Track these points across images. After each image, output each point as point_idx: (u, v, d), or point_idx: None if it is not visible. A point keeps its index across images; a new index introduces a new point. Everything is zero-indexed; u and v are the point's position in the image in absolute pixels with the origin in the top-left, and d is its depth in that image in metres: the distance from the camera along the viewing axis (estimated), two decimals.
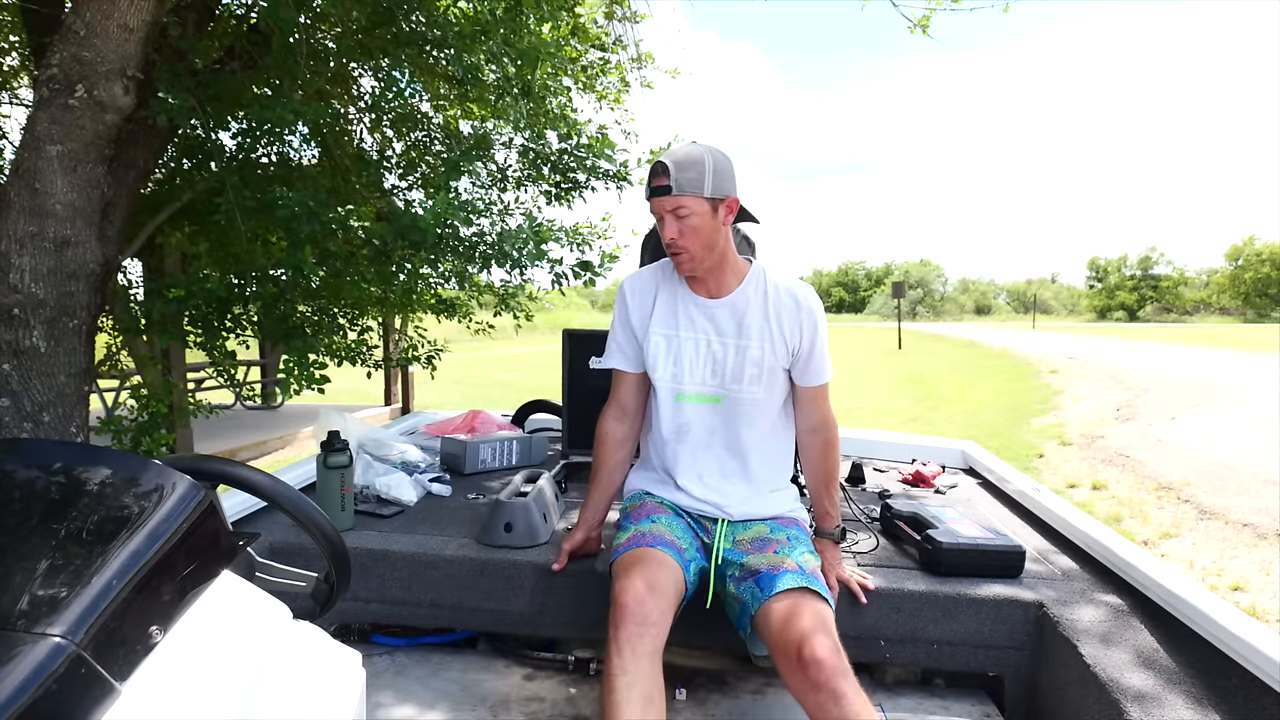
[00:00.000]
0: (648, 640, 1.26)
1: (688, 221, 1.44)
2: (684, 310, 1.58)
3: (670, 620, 1.34)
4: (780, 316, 1.54)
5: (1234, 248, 67.23)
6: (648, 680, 1.22)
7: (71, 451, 0.85)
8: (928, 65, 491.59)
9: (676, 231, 1.45)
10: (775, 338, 1.54)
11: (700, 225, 1.45)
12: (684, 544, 1.50)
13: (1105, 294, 76.40)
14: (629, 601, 1.29)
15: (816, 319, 1.56)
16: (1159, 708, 1.19)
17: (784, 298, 1.55)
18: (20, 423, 2.29)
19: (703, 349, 1.57)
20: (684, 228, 1.45)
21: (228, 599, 0.81)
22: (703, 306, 1.57)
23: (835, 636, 1.29)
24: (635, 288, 1.65)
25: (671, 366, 1.58)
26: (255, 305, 3.41)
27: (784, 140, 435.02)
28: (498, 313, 4.41)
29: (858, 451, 2.85)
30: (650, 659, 1.25)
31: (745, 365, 1.55)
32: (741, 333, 1.55)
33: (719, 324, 1.56)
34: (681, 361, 1.58)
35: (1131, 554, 1.65)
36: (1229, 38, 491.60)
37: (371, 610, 1.79)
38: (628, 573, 1.36)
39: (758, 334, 1.54)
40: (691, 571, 1.48)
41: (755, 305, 1.55)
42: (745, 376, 1.55)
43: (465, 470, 2.51)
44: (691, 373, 1.58)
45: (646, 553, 1.42)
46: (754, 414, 1.59)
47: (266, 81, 3.22)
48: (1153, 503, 5.11)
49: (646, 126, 4.46)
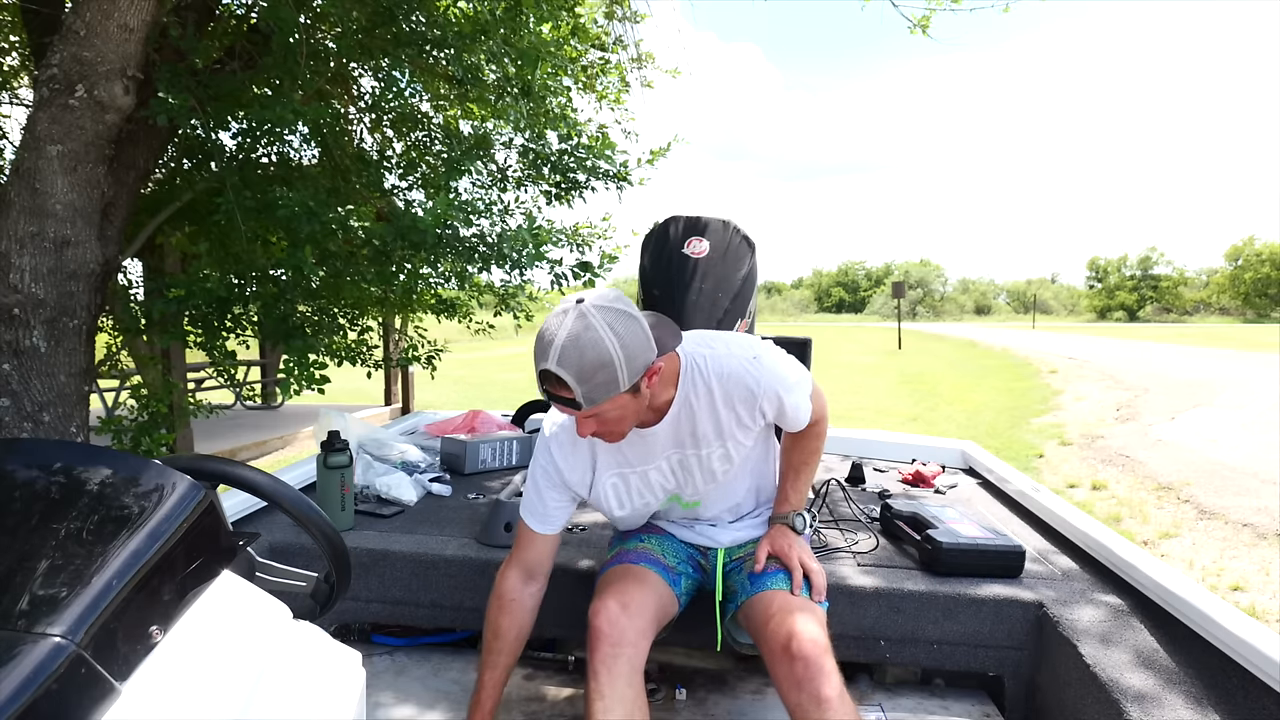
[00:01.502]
0: (623, 661, 1.23)
1: (607, 417, 1.21)
2: (631, 448, 1.39)
3: (650, 637, 1.31)
4: (736, 407, 1.34)
5: (1234, 248, 67.21)
6: (626, 703, 1.20)
7: (71, 451, 0.85)
8: (928, 65, 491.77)
9: (597, 430, 1.25)
10: (737, 426, 1.36)
11: (623, 415, 1.22)
12: (672, 560, 1.48)
13: (1105, 294, 76.35)
14: (601, 623, 1.27)
15: (778, 391, 1.34)
16: (1159, 708, 1.19)
17: (734, 389, 1.33)
18: (20, 422, 2.29)
19: (665, 470, 1.41)
20: (605, 424, 1.23)
21: (228, 599, 0.81)
22: (647, 434, 1.36)
23: (824, 634, 1.25)
24: (560, 447, 1.41)
25: (634, 500, 1.44)
26: (255, 305, 3.41)
27: (784, 140, 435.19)
28: (498, 313, 4.41)
29: (858, 451, 2.85)
30: (627, 680, 1.23)
31: (713, 465, 1.40)
32: (696, 442, 1.37)
33: (669, 441, 1.38)
34: (646, 493, 1.44)
35: (1131, 554, 1.65)
36: (1229, 38, 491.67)
37: (371, 610, 1.79)
38: (603, 593, 1.34)
39: (711, 438, 1.37)
40: (682, 586, 1.46)
41: (701, 411, 1.34)
42: (718, 474, 1.42)
43: (465, 470, 2.51)
44: (662, 493, 1.45)
45: (628, 570, 1.40)
46: (732, 475, 1.47)
47: (266, 81, 3.22)
48: (1152, 503, 5.11)
49: (646, 126, 4.46)
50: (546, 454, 1.42)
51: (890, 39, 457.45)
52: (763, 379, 1.33)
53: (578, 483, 1.42)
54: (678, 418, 1.35)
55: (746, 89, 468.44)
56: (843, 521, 2.02)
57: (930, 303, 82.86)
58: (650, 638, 1.32)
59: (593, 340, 1.11)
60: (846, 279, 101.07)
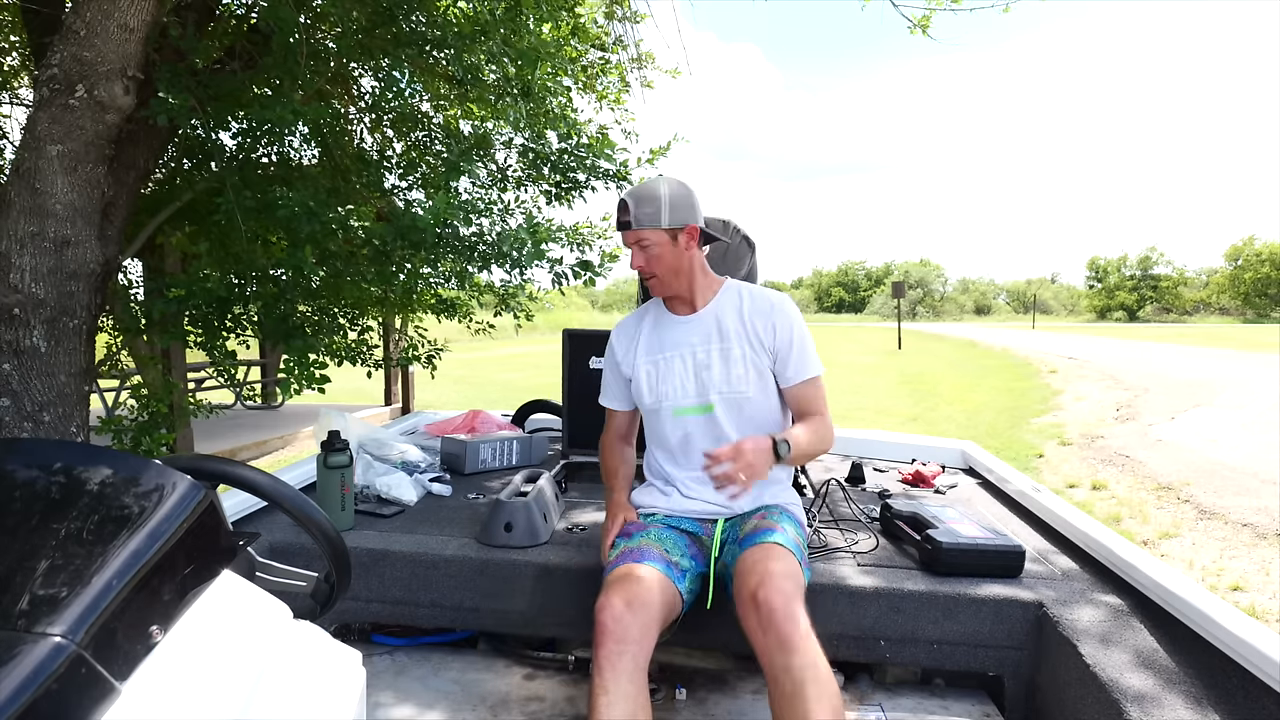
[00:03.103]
0: (627, 658, 1.26)
1: (650, 251, 1.59)
2: (667, 333, 1.70)
3: (654, 634, 1.34)
4: (754, 318, 1.65)
5: (1234, 248, 67.17)
6: (629, 700, 1.22)
7: (71, 451, 0.85)
8: (928, 65, 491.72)
9: (642, 261, 1.61)
10: (753, 337, 1.64)
11: (662, 254, 1.59)
12: (676, 555, 1.51)
13: (1105, 294, 76.30)
14: (606, 620, 1.30)
15: (791, 316, 1.65)
16: (1158, 708, 1.19)
17: (758, 301, 1.67)
18: (20, 422, 2.29)
19: (689, 362, 1.66)
20: (648, 257, 1.60)
21: (228, 599, 0.81)
22: (683, 321, 1.69)
23: (798, 591, 1.34)
24: (620, 333, 1.79)
25: (660, 386, 1.68)
26: (255, 305, 3.41)
27: (784, 140, 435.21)
28: (498, 313, 4.40)
29: (858, 451, 2.85)
30: (630, 676, 1.25)
31: (730, 367, 1.63)
32: (722, 336, 1.65)
33: (701, 333, 1.67)
34: (670, 379, 1.67)
35: (1131, 554, 1.65)
36: (1229, 38, 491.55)
37: (371, 610, 1.79)
38: (609, 590, 1.37)
39: (735, 335, 1.64)
40: (688, 581, 1.49)
41: (730, 310, 1.67)
42: (731, 377, 1.63)
43: (465, 470, 2.51)
44: (683, 387, 1.66)
45: (631, 569, 1.43)
46: (749, 413, 1.64)
47: (266, 81, 3.22)
48: (1152, 503, 5.11)
49: (646, 126, 4.46)
50: (610, 345, 1.80)
51: (890, 39, 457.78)
52: (782, 301, 1.67)
53: (624, 365, 1.75)
54: (712, 311, 1.68)
55: (746, 89, 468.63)
56: (843, 521, 2.02)
57: (930, 303, 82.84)
58: (654, 636, 1.34)
59: (653, 184, 1.59)
60: (846, 279, 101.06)
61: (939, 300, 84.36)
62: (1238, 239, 78.06)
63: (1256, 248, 64.86)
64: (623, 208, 1.59)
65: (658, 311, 1.75)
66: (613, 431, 1.83)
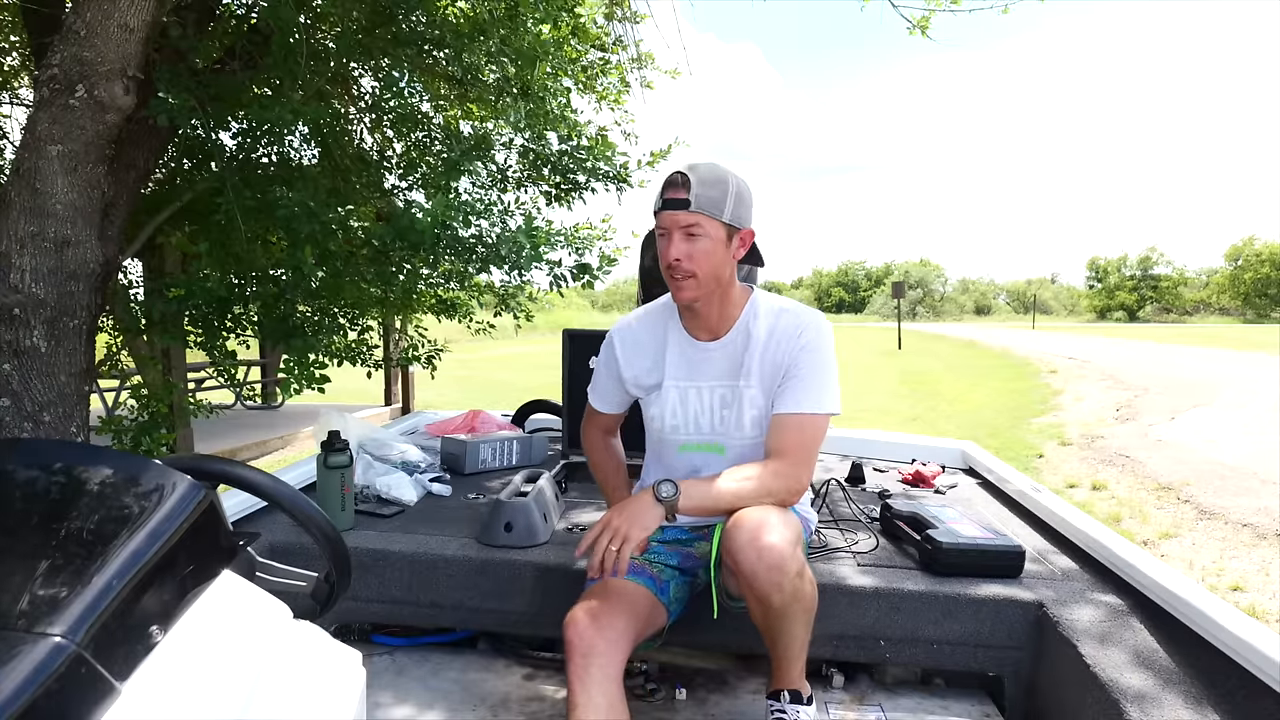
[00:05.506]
0: (595, 669, 1.23)
1: (698, 243, 1.33)
2: (694, 361, 1.51)
3: (625, 645, 1.29)
4: (778, 353, 1.43)
5: (1234, 248, 67.24)
6: (601, 710, 1.20)
7: (72, 451, 0.85)
8: (927, 65, 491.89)
9: (684, 252, 1.33)
10: (777, 375, 1.44)
11: (712, 251, 1.34)
12: (657, 569, 1.48)
13: (1105, 294, 76.33)
14: (570, 635, 1.27)
15: (813, 347, 1.42)
16: (1158, 708, 1.19)
17: (787, 320, 1.45)
18: (20, 423, 2.29)
19: (706, 398, 1.51)
20: (694, 250, 1.33)
21: (228, 599, 0.81)
22: (703, 350, 1.50)
23: (799, 541, 1.29)
24: (627, 341, 1.57)
25: (675, 418, 1.53)
26: (255, 305, 3.41)
27: (784, 141, 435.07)
28: (498, 313, 4.40)
29: (858, 451, 2.85)
30: (601, 686, 1.22)
31: (745, 408, 1.48)
32: (745, 374, 1.46)
33: (720, 367, 1.49)
34: (688, 412, 1.52)
35: (1131, 554, 1.65)
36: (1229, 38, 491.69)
37: (371, 610, 1.79)
38: (577, 604, 1.34)
39: (757, 375, 1.45)
40: (672, 593, 1.46)
41: (756, 342, 1.45)
42: (746, 421, 1.48)
43: (465, 470, 2.51)
44: (697, 422, 1.52)
45: (606, 584, 1.39)
46: (756, 459, 1.48)
47: (266, 81, 3.22)
48: (1152, 503, 5.10)
49: (646, 128, 4.45)
50: (609, 351, 1.60)
51: (890, 39, 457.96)
52: (809, 330, 1.44)
53: (631, 378, 1.57)
54: (734, 341, 1.47)
55: (746, 89, 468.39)
56: (843, 521, 2.02)
57: (930, 303, 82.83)
58: (625, 645, 1.29)
59: (718, 168, 1.36)
60: (846, 279, 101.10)
61: (939, 300, 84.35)
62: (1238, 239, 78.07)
63: (1256, 248, 64.90)
64: (679, 182, 1.32)
65: (679, 332, 1.53)
66: (600, 427, 1.70)
